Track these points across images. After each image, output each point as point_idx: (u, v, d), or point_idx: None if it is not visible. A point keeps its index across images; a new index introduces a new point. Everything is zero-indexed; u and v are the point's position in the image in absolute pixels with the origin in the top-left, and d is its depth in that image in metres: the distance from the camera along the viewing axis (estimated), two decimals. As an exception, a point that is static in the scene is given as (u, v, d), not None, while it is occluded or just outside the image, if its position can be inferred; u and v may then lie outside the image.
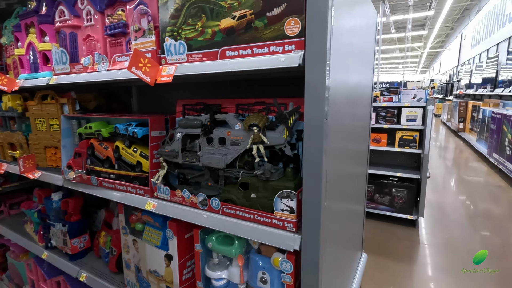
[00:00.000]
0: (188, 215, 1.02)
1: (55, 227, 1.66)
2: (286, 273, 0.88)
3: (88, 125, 1.31)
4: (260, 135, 0.87)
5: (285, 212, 0.84)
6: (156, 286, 1.23)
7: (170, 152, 1.07)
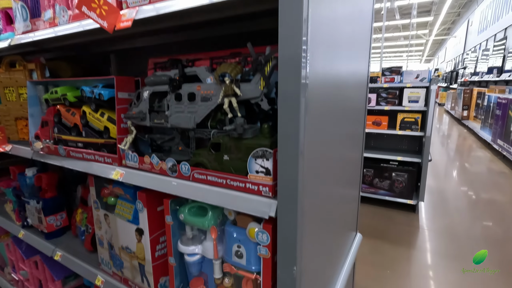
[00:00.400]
0: (156, 183, 0.91)
1: (29, 204, 1.56)
2: (262, 245, 0.77)
3: (53, 90, 1.19)
4: (233, 87, 0.74)
5: (260, 174, 0.72)
6: (128, 263, 1.13)
7: (137, 114, 0.95)
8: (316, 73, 0.67)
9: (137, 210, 1.03)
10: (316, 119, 0.71)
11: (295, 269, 0.69)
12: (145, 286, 1.09)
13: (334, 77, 0.85)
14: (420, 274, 2.32)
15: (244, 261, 0.84)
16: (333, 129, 0.90)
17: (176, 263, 0.98)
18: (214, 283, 0.95)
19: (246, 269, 0.84)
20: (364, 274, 2.32)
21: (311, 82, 0.63)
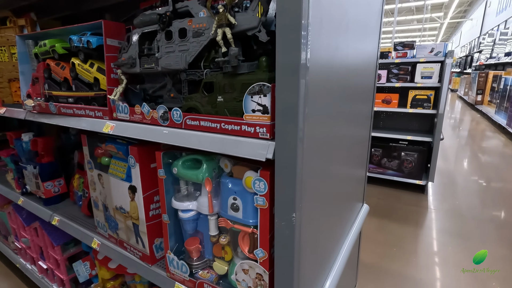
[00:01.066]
0: (147, 133, 0.84)
1: (27, 169, 1.53)
2: (259, 194, 0.70)
3: (42, 43, 1.12)
4: (227, 15, 0.66)
5: (257, 113, 0.65)
6: (123, 224, 1.08)
7: (127, 60, 0.88)
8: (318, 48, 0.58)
9: (130, 166, 0.98)
10: (322, 68, 0.62)
11: (294, 216, 0.62)
12: (140, 247, 1.05)
13: (338, 53, 0.75)
14: (427, 252, 2.26)
15: (241, 214, 0.77)
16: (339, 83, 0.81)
17: (170, 221, 0.93)
18: (210, 241, 0.89)
19: (243, 223, 0.77)
20: (371, 252, 2.26)
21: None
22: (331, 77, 0.75)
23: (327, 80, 0.72)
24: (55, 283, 1.67)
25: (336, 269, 1.01)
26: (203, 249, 0.92)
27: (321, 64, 0.65)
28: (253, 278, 0.77)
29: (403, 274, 2.02)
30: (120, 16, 1.47)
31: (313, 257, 0.81)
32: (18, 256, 1.95)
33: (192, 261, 0.92)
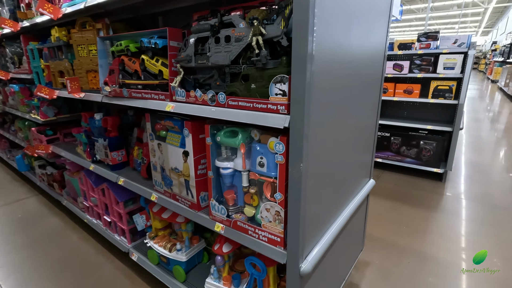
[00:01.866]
0: (200, 110, 1.17)
1: (98, 142, 1.95)
2: (279, 153, 1.00)
3: (118, 43, 1.49)
4: (259, 27, 0.95)
5: (278, 96, 0.94)
6: (176, 181, 1.44)
7: (185, 57, 1.20)
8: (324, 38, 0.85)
9: (184, 136, 1.32)
10: (322, 64, 0.90)
11: (301, 165, 0.92)
12: (189, 198, 1.40)
13: (343, 48, 1.01)
14: (436, 231, 2.44)
15: (265, 169, 1.08)
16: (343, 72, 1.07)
17: (213, 176, 1.26)
18: (242, 191, 1.21)
19: (267, 175, 1.08)
20: (381, 227, 2.50)
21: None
22: (335, 67, 1.02)
23: (332, 70, 1.00)
24: (117, 233, 2.11)
25: (339, 223, 1.30)
26: (237, 198, 1.25)
27: (325, 59, 0.93)
28: (273, 214, 1.08)
29: (408, 247, 2.24)
30: (169, 20, 1.82)
31: (317, 202, 1.10)
32: (85, 213, 2.42)
33: (229, 207, 1.25)
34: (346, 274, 1.69)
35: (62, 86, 2.13)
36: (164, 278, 1.72)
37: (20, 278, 1.98)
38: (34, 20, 2.07)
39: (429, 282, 1.90)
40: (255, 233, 1.15)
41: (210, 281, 1.44)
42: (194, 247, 1.70)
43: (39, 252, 2.24)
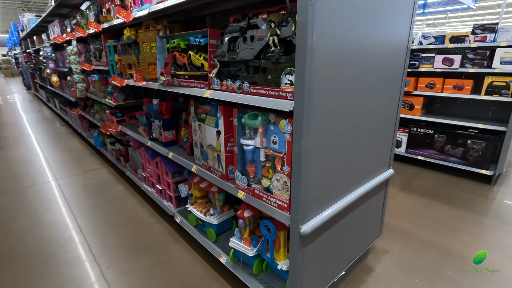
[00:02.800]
0: (230, 97, 1.44)
1: (154, 123, 2.38)
2: (287, 133, 1.22)
3: (172, 41, 1.83)
4: (275, 29, 1.17)
5: (287, 85, 1.16)
6: (211, 155, 1.75)
7: (220, 53, 1.48)
8: (325, 31, 1.03)
9: (218, 118, 1.61)
10: (325, 59, 1.08)
11: (302, 142, 1.13)
12: (220, 169, 1.70)
13: (351, 37, 1.17)
14: (471, 232, 2.38)
15: (277, 146, 1.31)
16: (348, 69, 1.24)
17: (238, 151, 1.53)
18: (260, 165, 1.46)
19: (278, 151, 1.31)
20: (409, 222, 2.52)
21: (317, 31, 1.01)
22: (340, 61, 1.18)
23: (336, 64, 1.17)
24: (165, 199, 2.54)
25: (344, 202, 1.46)
26: (256, 171, 1.50)
27: (328, 53, 1.11)
28: (281, 184, 1.31)
29: (434, 242, 2.25)
30: (215, 20, 2.11)
31: (320, 177, 1.29)
32: (143, 182, 2.93)
33: (250, 178, 1.51)
34: (356, 253, 1.83)
35: (129, 76, 2.60)
36: (199, 237, 2.08)
37: (94, 226, 2.53)
38: (112, 22, 2.57)
39: (447, 275, 1.92)
40: (268, 199, 1.39)
41: (234, 240, 1.73)
42: (224, 214, 2.00)
43: (108, 210, 2.80)
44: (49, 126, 6.39)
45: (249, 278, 1.67)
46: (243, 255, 1.73)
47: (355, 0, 1.17)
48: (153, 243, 2.29)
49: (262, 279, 1.66)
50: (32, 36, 8.07)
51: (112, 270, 2.01)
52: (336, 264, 1.66)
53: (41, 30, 7.35)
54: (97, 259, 2.13)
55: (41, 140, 5.21)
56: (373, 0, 1.27)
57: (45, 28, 6.73)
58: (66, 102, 6.20)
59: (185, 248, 2.23)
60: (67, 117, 6.09)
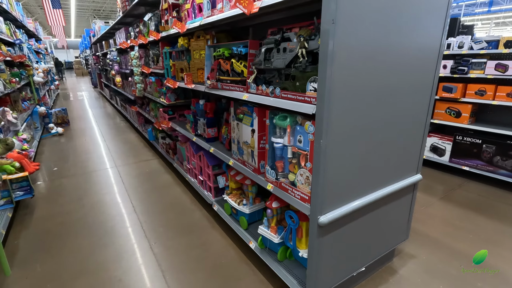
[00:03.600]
0: (263, 99, 1.64)
1: (199, 121, 2.69)
2: (310, 133, 1.39)
3: (218, 50, 2.10)
4: (304, 42, 1.35)
5: (312, 91, 1.33)
6: (246, 151, 1.97)
7: (257, 61, 1.69)
8: (349, 39, 1.19)
9: (253, 118, 1.83)
10: (345, 68, 1.23)
11: (321, 141, 1.29)
12: (253, 163, 1.91)
13: (375, 42, 1.30)
14: (508, 245, 2.27)
15: (302, 144, 1.48)
16: (369, 76, 1.36)
17: (269, 148, 1.73)
18: (287, 161, 1.64)
19: (303, 149, 1.48)
20: (441, 230, 2.47)
21: (340, 43, 1.17)
22: (361, 69, 1.31)
23: (357, 71, 1.30)
24: (205, 189, 2.84)
25: (364, 201, 1.57)
26: (284, 166, 1.69)
27: (349, 64, 1.25)
28: (304, 178, 1.48)
29: (467, 253, 2.19)
30: (257, 30, 2.34)
31: (339, 174, 1.43)
32: (187, 173, 3.28)
33: (278, 172, 1.70)
34: (378, 253, 1.91)
35: (181, 79, 2.96)
36: (233, 224, 2.32)
37: (145, 208, 2.94)
38: (169, 32, 2.95)
39: (477, 286, 1.90)
40: (292, 192, 1.57)
41: (262, 227, 1.93)
42: (255, 205, 2.22)
43: (157, 195, 3.21)
44: (110, 120, 7.26)
45: (273, 263, 1.86)
46: (270, 242, 1.92)
47: (379, 14, 1.30)
48: (193, 227, 2.60)
49: (285, 265, 1.84)
50: (101, 41, 9.20)
51: (159, 245, 2.35)
52: (355, 259, 1.76)
53: (108, 36, 8.37)
54: (147, 234, 2.50)
55: (104, 133, 5.98)
56: (398, 10, 1.37)
57: (112, 34, 7.67)
58: (126, 100, 7.00)
59: (220, 233, 2.50)
60: (126, 113, 6.87)
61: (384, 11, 1.31)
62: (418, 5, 1.46)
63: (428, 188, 3.34)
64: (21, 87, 4.64)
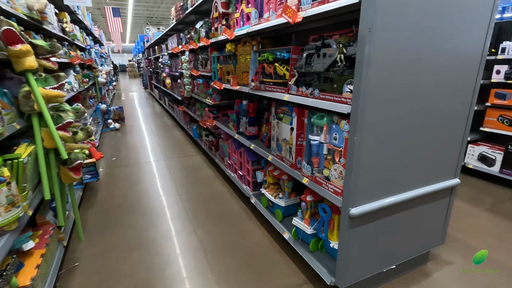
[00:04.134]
0: (302, 100, 1.80)
1: (242, 119, 2.92)
2: (345, 131, 1.51)
3: (263, 54, 2.31)
4: (343, 48, 1.49)
5: (348, 92, 1.46)
6: (284, 147, 2.14)
7: (299, 65, 1.86)
8: (383, 45, 1.30)
9: (292, 117, 1.99)
10: (379, 72, 1.35)
11: (355, 138, 1.41)
12: (290, 159, 2.07)
13: (408, 48, 1.40)
14: (561, 264, 2.13)
15: (337, 142, 1.61)
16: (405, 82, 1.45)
17: (306, 145, 1.88)
18: (323, 157, 1.78)
19: (338, 146, 1.61)
20: (484, 242, 2.39)
21: (375, 49, 1.29)
22: (393, 74, 1.41)
23: (392, 75, 1.41)
24: (244, 183, 3.06)
25: (395, 199, 1.65)
26: (319, 162, 1.82)
27: (384, 68, 1.36)
28: (338, 173, 1.60)
29: (507, 265, 2.11)
30: (299, 36, 2.51)
31: (370, 169, 1.53)
32: (227, 168, 3.53)
33: (313, 168, 1.84)
34: (410, 253, 1.94)
35: (227, 81, 3.23)
36: (268, 216, 2.50)
37: (190, 197, 3.24)
38: (218, 38, 3.24)
39: (517, 298, 1.84)
40: (326, 185, 1.70)
41: (296, 219, 2.08)
42: (291, 200, 2.37)
43: (200, 187, 3.51)
44: (158, 119, 7.90)
45: (306, 253, 1.99)
46: (303, 234, 2.06)
47: (415, 20, 1.39)
48: (231, 217, 2.83)
49: (316, 255, 1.96)
50: (154, 46, 10.05)
51: (201, 230, 2.62)
52: (386, 255, 1.82)
53: (160, 41, 9.12)
54: (191, 220, 2.78)
55: (153, 129, 6.56)
56: (437, 16, 1.44)
57: (164, 40, 8.35)
58: (173, 100, 7.58)
59: (256, 224, 2.69)
60: (173, 112, 7.44)
61: (421, 18, 1.40)
62: (458, 9, 1.51)
63: (473, 198, 3.20)
64: (88, 86, 5.32)
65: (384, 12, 1.27)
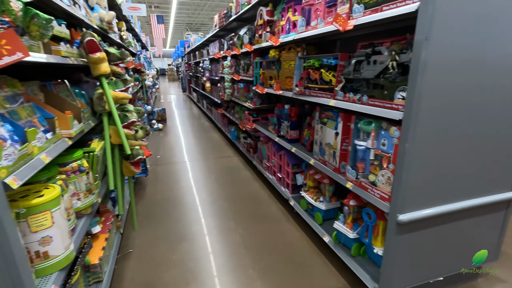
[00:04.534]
0: (349, 106, 1.84)
1: (283, 123, 3.00)
2: (395, 137, 1.53)
3: (308, 61, 2.37)
4: (395, 56, 1.51)
5: (400, 99, 1.47)
6: (328, 152, 2.18)
7: (347, 72, 1.90)
8: (441, 50, 1.31)
9: (337, 122, 2.03)
10: (435, 80, 1.35)
11: (406, 145, 1.42)
12: (334, 163, 2.11)
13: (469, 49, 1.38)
14: None
15: (386, 148, 1.63)
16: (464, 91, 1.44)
17: (351, 150, 1.91)
18: (369, 163, 1.80)
19: (386, 152, 1.63)
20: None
21: (431, 54, 1.30)
22: (450, 82, 1.40)
23: (448, 82, 1.40)
24: (283, 186, 3.13)
25: (444, 209, 1.61)
26: (365, 167, 1.84)
27: (438, 77, 1.37)
28: (386, 179, 1.62)
29: None
30: (344, 44, 2.54)
31: (420, 176, 1.52)
32: (265, 170, 3.63)
33: (358, 172, 1.86)
34: (459, 266, 1.87)
35: (269, 86, 3.34)
36: (307, 219, 2.54)
37: (229, 195, 3.38)
38: (261, 44, 3.37)
39: None
40: (372, 191, 1.72)
41: (338, 223, 2.10)
42: (331, 204, 2.40)
43: (238, 187, 3.64)
44: (195, 120, 8.26)
45: (347, 257, 2.01)
46: (344, 238, 2.08)
47: (474, 27, 1.37)
48: (269, 217, 2.91)
49: (358, 260, 1.97)
50: (195, 51, 10.53)
51: (241, 228, 2.73)
52: (433, 265, 1.78)
53: (201, 47, 9.54)
54: (230, 217, 2.91)
55: (193, 131, 6.88)
56: (499, 22, 1.41)
57: (204, 45, 8.74)
58: (212, 103, 7.89)
59: (294, 226, 2.74)
60: (211, 114, 7.74)
61: (478, 26, 1.38)
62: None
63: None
64: (137, 89, 5.77)
65: (441, 21, 1.28)
